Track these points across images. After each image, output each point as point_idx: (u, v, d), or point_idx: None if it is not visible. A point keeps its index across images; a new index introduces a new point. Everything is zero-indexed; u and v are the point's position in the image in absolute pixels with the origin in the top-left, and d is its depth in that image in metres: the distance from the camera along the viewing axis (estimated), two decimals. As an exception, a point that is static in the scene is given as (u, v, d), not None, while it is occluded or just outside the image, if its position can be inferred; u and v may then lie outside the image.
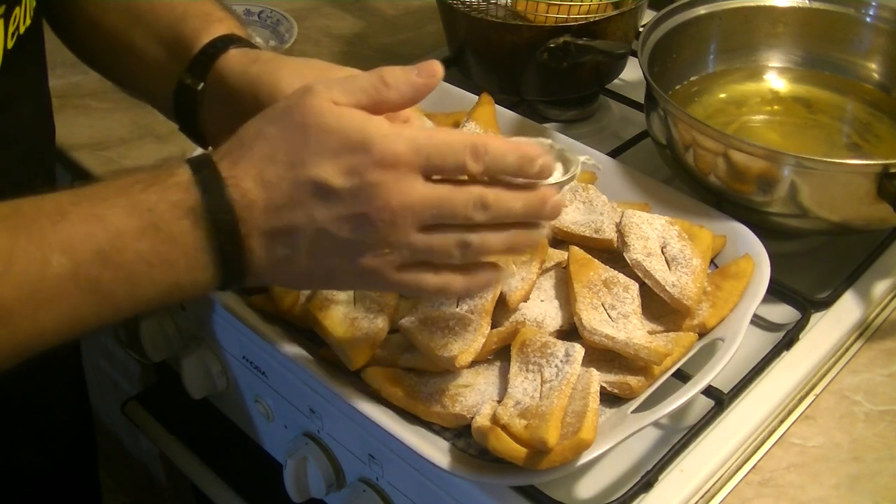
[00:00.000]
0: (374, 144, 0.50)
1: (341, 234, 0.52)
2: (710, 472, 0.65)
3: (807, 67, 0.96)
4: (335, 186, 0.50)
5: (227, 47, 0.65)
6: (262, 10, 1.17)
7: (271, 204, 0.51)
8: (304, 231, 0.52)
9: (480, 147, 0.52)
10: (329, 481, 0.77)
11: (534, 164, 0.53)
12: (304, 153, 0.51)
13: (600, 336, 0.63)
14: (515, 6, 0.96)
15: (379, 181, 0.50)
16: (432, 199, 0.52)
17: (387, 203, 0.51)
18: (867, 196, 0.73)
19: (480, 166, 0.52)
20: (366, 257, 0.52)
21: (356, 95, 0.53)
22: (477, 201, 0.52)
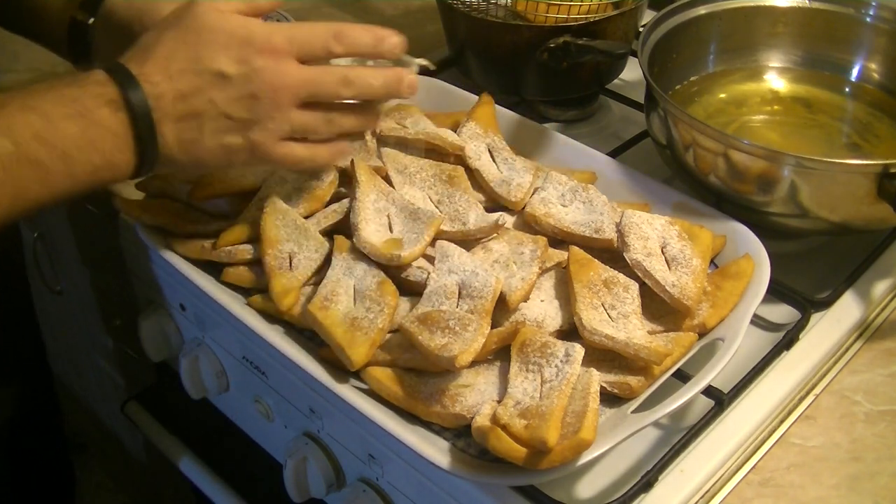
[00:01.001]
0: (256, 37, 0.62)
1: (236, 113, 0.63)
2: (710, 472, 0.65)
3: (807, 67, 0.96)
4: (229, 73, 0.62)
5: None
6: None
7: (178, 93, 0.61)
8: (206, 114, 0.62)
9: (341, 32, 0.65)
10: (329, 481, 0.77)
11: (385, 42, 0.66)
12: (200, 49, 0.62)
13: (600, 336, 0.63)
14: (515, 6, 0.96)
15: (263, 66, 0.62)
16: (306, 78, 0.64)
17: (270, 83, 0.63)
18: (867, 196, 0.73)
19: (342, 48, 0.65)
20: (255, 132, 0.64)
21: (233, 3, 0.64)
22: (343, 78, 0.65)
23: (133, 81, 0.61)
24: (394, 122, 0.85)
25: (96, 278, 1.13)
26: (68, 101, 0.59)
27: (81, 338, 1.27)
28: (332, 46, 0.65)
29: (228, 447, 0.95)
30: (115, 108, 0.60)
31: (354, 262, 0.70)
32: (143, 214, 0.77)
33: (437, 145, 0.81)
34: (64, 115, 0.58)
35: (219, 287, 0.73)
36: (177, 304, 0.87)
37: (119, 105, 0.60)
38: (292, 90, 0.63)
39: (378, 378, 0.64)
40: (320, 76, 0.65)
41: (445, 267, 0.69)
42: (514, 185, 0.78)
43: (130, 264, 0.93)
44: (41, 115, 0.58)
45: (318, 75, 0.64)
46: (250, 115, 0.63)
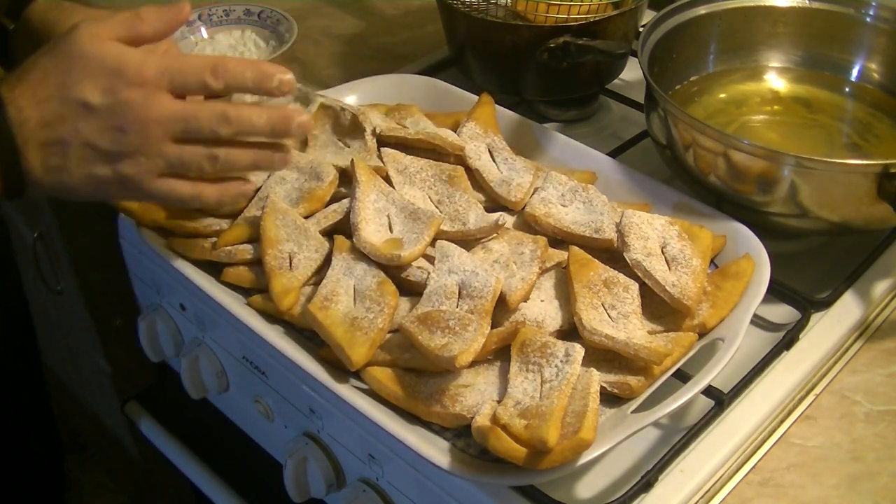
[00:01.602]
0: (126, 68, 0.60)
1: (102, 144, 0.61)
2: (710, 472, 0.65)
3: (807, 67, 0.96)
4: (94, 103, 0.60)
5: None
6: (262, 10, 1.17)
7: (42, 119, 0.60)
8: (71, 143, 0.61)
9: (220, 66, 0.61)
10: (329, 481, 0.77)
11: (271, 80, 0.63)
12: (69, 76, 0.60)
13: (600, 336, 0.63)
14: (515, 6, 0.96)
15: (130, 98, 0.60)
16: (178, 114, 0.61)
17: (137, 116, 0.60)
18: (867, 196, 0.73)
19: (220, 83, 0.61)
20: (124, 165, 0.61)
21: (115, 29, 0.62)
22: (220, 116, 0.62)
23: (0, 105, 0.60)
24: (394, 122, 0.85)
25: (96, 278, 1.13)
26: None
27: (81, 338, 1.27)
28: (208, 81, 0.62)
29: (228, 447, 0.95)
30: None
31: (354, 262, 0.70)
32: (143, 214, 0.77)
33: (437, 145, 0.81)
34: None
35: (219, 287, 0.73)
36: (177, 304, 0.87)
37: None
38: (162, 125, 0.61)
39: (378, 378, 0.64)
40: (194, 112, 0.62)
41: (445, 267, 0.69)
42: (514, 185, 0.78)
43: (130, 264, 0.93)
44: None
45: (191, 111, 0.62)
46: (117, 147, 0.61)
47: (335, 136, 0.84)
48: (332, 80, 1.04)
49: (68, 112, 0.60)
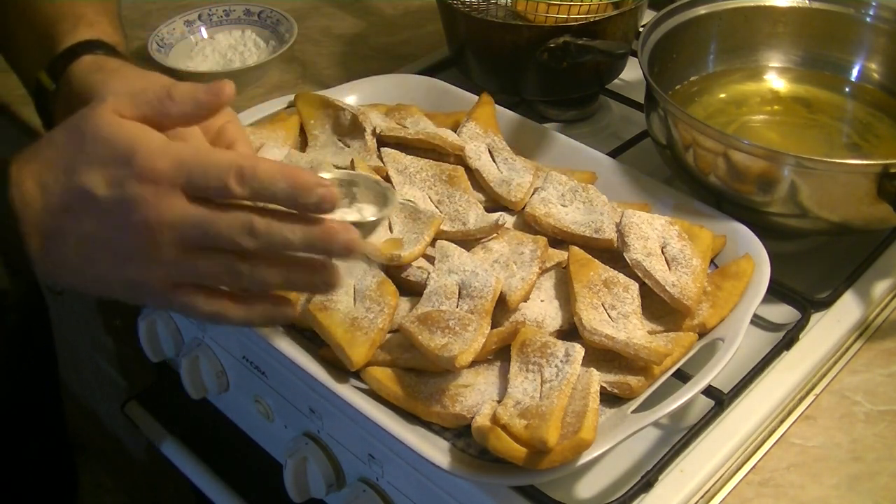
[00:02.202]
0: (137, 158, 0.51)
1: (105, 243, 0.53)
2: (710, 472, 0.65)
3: (807, 67, 0.96)
4: (98, 196, 0.52)
5: (86, 52, 0.67)
6: (262, 10, 1.17)
7: (46, 206, 0.53)
8: (72, 235, 0.53)
9: (248, 170, 0.51)
10: (329, 481, 0.77)
11: (309, 195, 0.51)
12: (77, 160, 0.52)
13: (600, 336, 0.63)
14: (515, 6, 0.96)
15: (137, 195, 0.51)
16: (192, 219, 0.52)
17: (143, 217, 0.51)
18: (867, 196, 0.73)
19: (245, 190, 0.51)
20: (130, 268, 0.54)
21: (140, 108, 0.54)
22: (243, 227, 0.52)
23: (5, 186, 0.53)
24: (394, 122, 0.85)
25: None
26: None
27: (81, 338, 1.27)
28: (230, 185, 0.51)
29: (228, 447, 0.95)
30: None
31: (354, 262, 0.70)
32: (143, 214, 0.77)
33: (437, 145, 0.81)
34: None
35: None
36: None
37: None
38: (174, 230, 0.52)
39: (378, 378, 0.64)
40: (213, 219, 0.52)
41: (445, 267, 0.69)
42: (514, 185, 0.78)
43: (130, 264, 0.93)
44: None
45: (210, 217, 0.52)
46: (121, 248, 0.53)
47: (335, 136, 0.84)
48: (332, 80, 1.04)
49: (72, 201, 0.52)
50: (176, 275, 0.53)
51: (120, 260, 0.53)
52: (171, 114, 0.54)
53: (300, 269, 0.55)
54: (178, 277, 0.54)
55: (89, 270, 0.55)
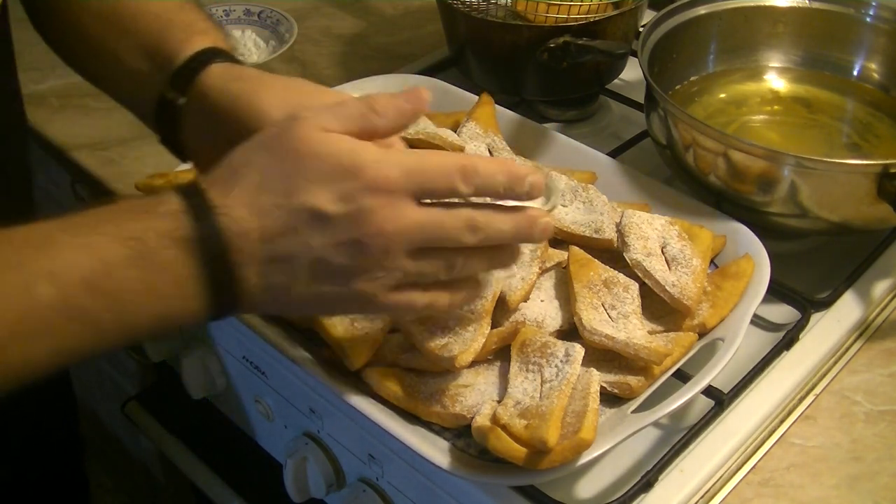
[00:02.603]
0: (366, 169, 0.51)
1: (336, 259, 0.52)
2: (710, 472, 0.65)
3: (807, 67, 0.96)
4: (329, 213, 0.51)
5: (211, 61, 0.64)
6: (262, 10, 1.17)
7: (266, 232, 0.51)
8: (300, 258, 0.52)
9: (470, 168, 0.52)
10: (329, 481, 0.77)
11: (523, 183, 0.54)
12: (297, 180, 0.51)
13: (600, 336, 0.63)
14: (515, 6, 0.96)
15: (372, 206, 0.51)
16: (424, 224, 0.52)
17: (380, 228, 0.51)
18: (867, 196, 0.73)
19: (470, 188, 0.53)
20: (359, 282, 0.53)
21: (345, 122, 0.53)
22: (468, 223, 0.53)
23: (211, 216, 0.50)
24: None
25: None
26: (129, 238, 0.49)
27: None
28: (457, 185, 0.52)
29: (228, 447, 0.95)
30: (186, 248, 0.49)
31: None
32: (143, 214, 0.77)
33: (437, 145, 0.81)
34: (122, 258, 0.48)
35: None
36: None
37: (190, 245, 0.49)
38: (406, 236, 0.52)
39: (378, 378, 0.64)
40: (441, 221, 0.53)
41: (445, 267, 0.69)
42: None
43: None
44: (94, 255, 0.48)
45: (438, 220, 0.53)
46: (353, 262, 0.52)
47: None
48: (332, 80, 1.04)
49: (298, 223, 0.51)
50: (399, 278, 0.53)
51: (349, 274, 0.52)
52: (377, 127, 0.54)
53: (497, 251, 0.57)
54: (400, 280, 0.54)
55: (313, 291, 0.53)
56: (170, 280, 0.50)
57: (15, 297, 0.47)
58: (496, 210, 0.54)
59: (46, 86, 1.06)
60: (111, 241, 0.49)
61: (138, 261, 0.49)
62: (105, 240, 0.49)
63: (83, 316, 0.48)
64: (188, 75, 0.64)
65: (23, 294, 0.47)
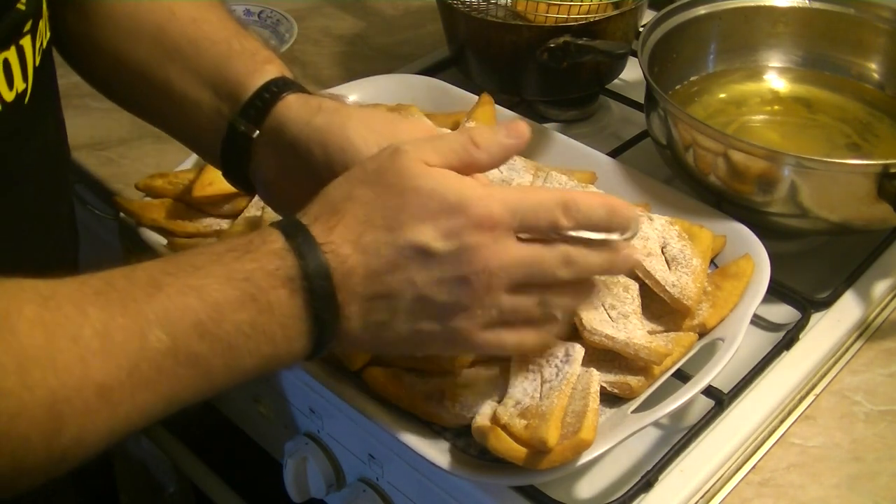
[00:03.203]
0: (472, 206, 0.50)
1: (439, 297, 0.51)
2: (710, 472, 0.65)
3: (807, 67, 0.96)
4: (435, 249, 0.50)
5: (283, 93, 0.62)
6: (262, 10, 1.17)
7: (370, 269, 0.50)
8: (402, 296, 0.51)
9: (571, 204, 0.52)
10: (329, 481, 0.77)
11: (622, 219, 0.54)
12: (402, 216, 0.50)
13: (600, 336, 0.63)
14: (515, 6, 0.96)
15: (478, 243, 0.50)
16: (526, 259, 0.52)
17: (486, 265, 0.51)
18: (867, 196, 0.73)
19: (571, 222, 0.52)
20: (458, 320, 0.52)
21: (447, 156, 0.53)
22: (564, 258, 0.53)
23: (316, 253, 0.49)
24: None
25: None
26: (238, 279, 0.48)
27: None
28: (559, 220, 0.52)
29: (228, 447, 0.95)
30: (293, 288, 0.49)
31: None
32: (143, 214, 0.77)
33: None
34: (232, 301, 0.47)
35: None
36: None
37: (297, 285, 0.49)
38: (508, 272, 0.52)
39: (378, 378, 0.64)
40: (542, 256, 0.53)
41: (445, 267, 0.69)
42: (514, 184, 0.78)
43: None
44: (205, 299, 0.47)
45: (539, 255, 0.53)
46: (454, 299, 0.51)
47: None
48: (332, 80, 1.04)
49: (402, 260, 0.50)
50: (495, 315, 0.53)
51: (449, 312, 0.52)
52: (479, 162, 0.54)
53: (582, 286, 0.57)
54: (495, 318, 0.53)
55: (412, 328, 0.52)
56: (277, 320, 0.49)
57: (130, 345, 0.45)
58: (587, 244, 0.54)
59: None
60: (220, 283, 0.48)
61: (248, 303, 0.48)
62: (214, 282, 0.48)
63: (196, 362, 0.47)
64: (261, 107, 0.62)
65: (137, 341, 0.45)
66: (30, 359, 0.42)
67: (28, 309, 0.43)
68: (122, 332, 0.45)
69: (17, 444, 0.42)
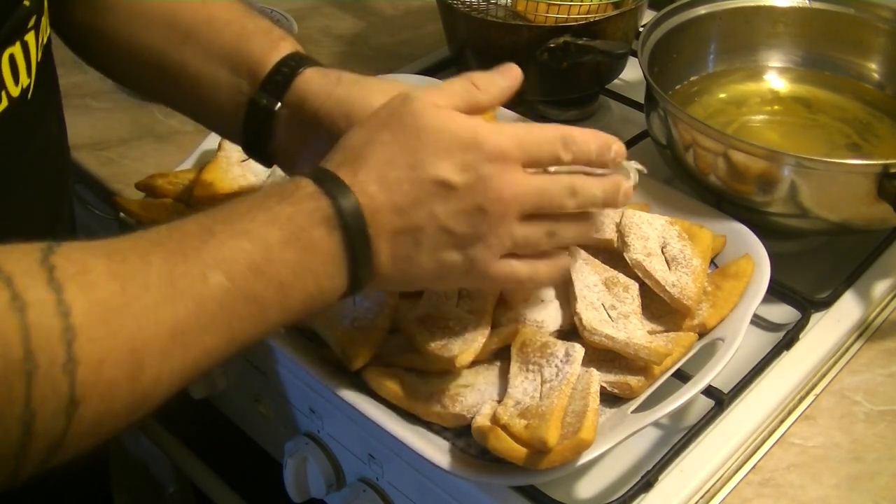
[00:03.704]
0: (485, 141, 0.54)
1: (459, 228, 0.55)
2: (710, 472, 0.65)
3: (807, 67, 0.96)
4: (453, 182, 0.54)
5: (301, 66, 0.65)
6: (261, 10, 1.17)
7: (395, 205, 0.54)
8: (426, 228, 0.55)
9: (569, 138, 0.57)
10: (329, 481, 0.77)
11: (611, 150, 0.59)
12: (421, 154, 0.54)
13: (600, 336, 0.63)
14: (515, 6, 0.96)
15: (491, 174, 0.54)
16: (535, 189, 0.56)
17: (499, 194, 0.55)
18: (867, 196, 0.73)
19: (570, 155, 0.58)
20: (476, 249, 0.56)
21: (453, 99, 0.57)
22: (569, 188, 0.58)
23: (347, 193, 0.53)
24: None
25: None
26: (283, 221, 0.51)
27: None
28: (560, 153, 0.57)
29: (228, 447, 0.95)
30: (330, 227, 0.52)
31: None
32: (143, 214, 0.77)
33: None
34: (280, 240, 0.51)
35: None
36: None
37: (334, 223, 0.52)
38: (520, 201, 0.56)
39: (378, 378, 0.64)
40: (549, 186, 0.57)
41: (445, 267, 0.69)
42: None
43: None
44: (256, 241, 0.50)
45: (546, 185, 0.57)
46: (473, 229, 0.55)
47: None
48: (332, 80, 1.04)
49: (424, 194, 0.54)
50: (508, 245, 0.57)
51: (469, 241, 0.56)
52: (481, 102, 0.59)
53: (584, 219, 0.61)
54: (509, 248, 0.57)
55: (436, 259, 0.56)
56: (318, 258, 0.52)
57: (193, 288, 0.48)
58: (591, 177, 0.59)
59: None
60: (266, 226, 0.51)
61: (293, 242, 0.51)
62: (260, 225, 0.51)
63: (253, 300, 0.50)
64: (281, 81, 0.65)
65: (199, 284, 0.48)
66: (111, 307, 0.45)
67: (100, 263, 0.46)
68: (186, 278, 0.48)
69: (105, 387, 0.45)
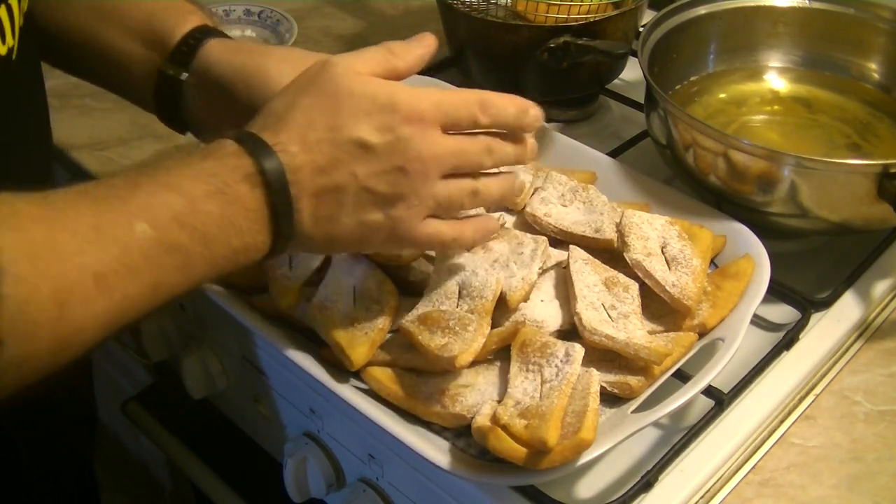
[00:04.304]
0: (402, 103, 0.56)
1: (380, 187, 0.57)
2: (710, 472, 0.65)
3: (807, 67, 0.96)
4: (372, 143, 0.56)
5: (206, 38, 0.69)
6: (262, 10, 1.17)
7: (316, 166, 0.55)
8: (347, 188, 0.56)
9: (487, 101, 0.59)
10: (329, 481, 0.77)
11: (527, 115, 0.61)
12: (340, 116, 0.56)
13: (600, 336, 0.63)
14: (515, 6, 0.96)
15: (410, 135, 0.56)
16: (453, 148, 0.58)
17: (418, 154, 0.57)
18: (867, 196, 0.73)
19: (488, 119, 0.59)
20: (398, 208, 0.58)
21: (370, 64, 0.59)
22: (486, 147, 0.60)
23: (268, 152, 0.55)
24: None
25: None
26: (207, 175, 0.53)
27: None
28: (477, 116, 0.59)
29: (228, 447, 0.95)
30: (252, 183, 0.54)
31: (355, 263, 0.70)
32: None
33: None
34: (204, 193, 0.53)
35: (218, 287, 0.73)
36: (176, 303, 0.88)
37: (256, 180, 0.54)
38: (439, 161, 0.58)
39: (378, 378, 0.64)
40: (467, 146, 0.59)
41: (445, 267, 0.69)
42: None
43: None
44: (181, 193, 0.52)
45: (465, 145, 0.59)
46: (394, 189, 0.57)
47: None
48: (332, 80, 1.04)
49: (344, 155, 0.56)
50: (432, 206, 0.59)
51: (391, 201, 0.57)
52: (398, 69, 0.60)
53: (507, 179, 0.63)
54: (432, 209, 0.59)
55: (358, 219, 0.58)
56: (242, 212, 0.54)
57: (117, 235, 0.50)
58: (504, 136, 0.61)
59: (46, 86, 1.06)
60: (191, 180, 0.53)
61: (217, 195, 0.53)
62: (185, 179, 0.53)
63: (177, 251, 0.52)
64: (187, 52, 0.69)
65: (124, 231, 0.50)
66: (37, 249, 0.47)
67: (29, 208, 0.48)
68: (112, 226, 0.50)
69: (29, 327, 0.46)
